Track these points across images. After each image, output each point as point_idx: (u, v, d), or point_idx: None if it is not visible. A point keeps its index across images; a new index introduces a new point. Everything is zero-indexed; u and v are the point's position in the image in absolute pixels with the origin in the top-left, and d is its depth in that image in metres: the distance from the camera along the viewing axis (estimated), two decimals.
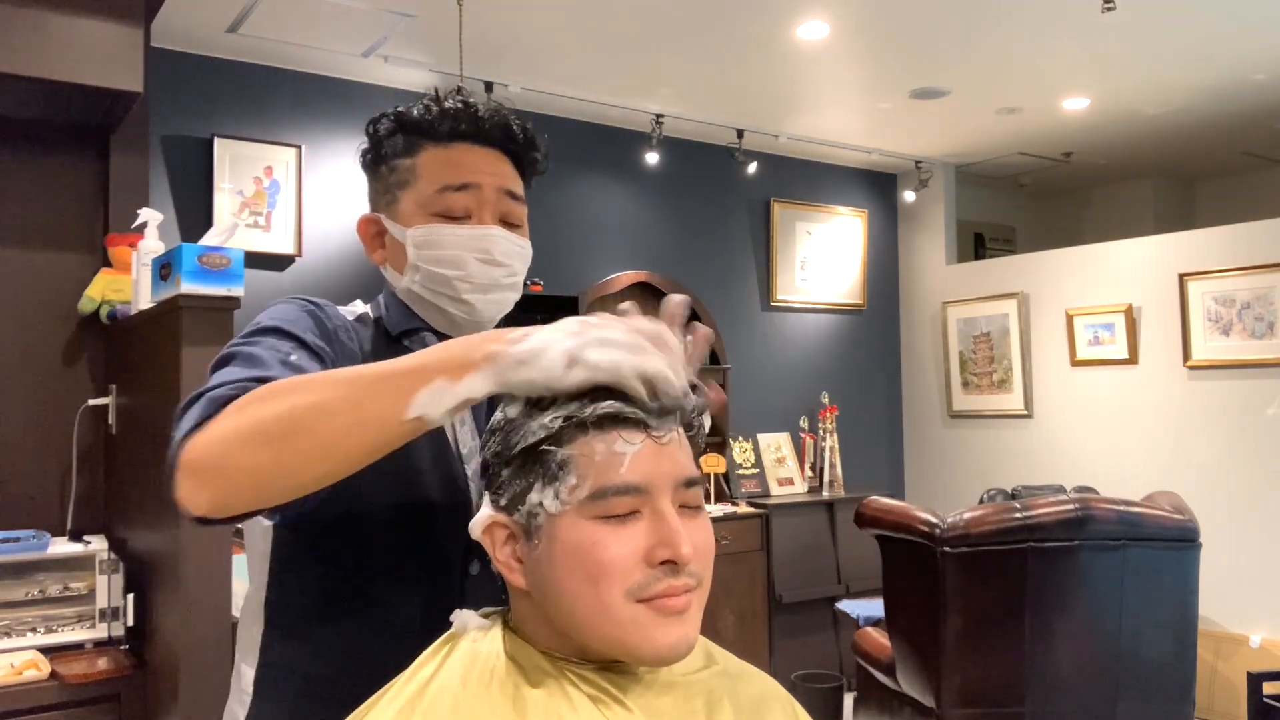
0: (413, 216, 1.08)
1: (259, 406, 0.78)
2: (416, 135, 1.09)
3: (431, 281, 1.07)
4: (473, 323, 1.09)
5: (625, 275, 4.60)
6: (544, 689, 0.80)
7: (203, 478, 0.77)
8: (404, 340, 1.09)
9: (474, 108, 1.09)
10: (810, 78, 4.10)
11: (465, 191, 1.07)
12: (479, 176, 1.07)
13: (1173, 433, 4.47)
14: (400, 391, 0.76)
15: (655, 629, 0.79)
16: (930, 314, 5.54)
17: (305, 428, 0.76)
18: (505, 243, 1.08)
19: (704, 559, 0.83)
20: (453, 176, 1.07)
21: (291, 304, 1.04)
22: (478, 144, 1.09)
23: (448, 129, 1.08)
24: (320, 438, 0.76)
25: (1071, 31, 3.61)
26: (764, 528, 4.48)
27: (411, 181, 1.08)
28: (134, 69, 2.49)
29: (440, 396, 0.76)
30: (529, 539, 0.81)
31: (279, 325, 0.97)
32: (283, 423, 0.76)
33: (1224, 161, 5.68)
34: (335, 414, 0.76)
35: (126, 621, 2.39)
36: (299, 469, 0.77)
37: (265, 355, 0.90)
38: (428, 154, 1.08)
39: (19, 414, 2.73)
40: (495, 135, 1.09)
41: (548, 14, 3.39)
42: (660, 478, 0.80)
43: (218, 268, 1.96)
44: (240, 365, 0.88)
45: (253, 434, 0.76)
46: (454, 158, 1.08)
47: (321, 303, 1.06)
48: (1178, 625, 2.98)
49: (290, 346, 0.94)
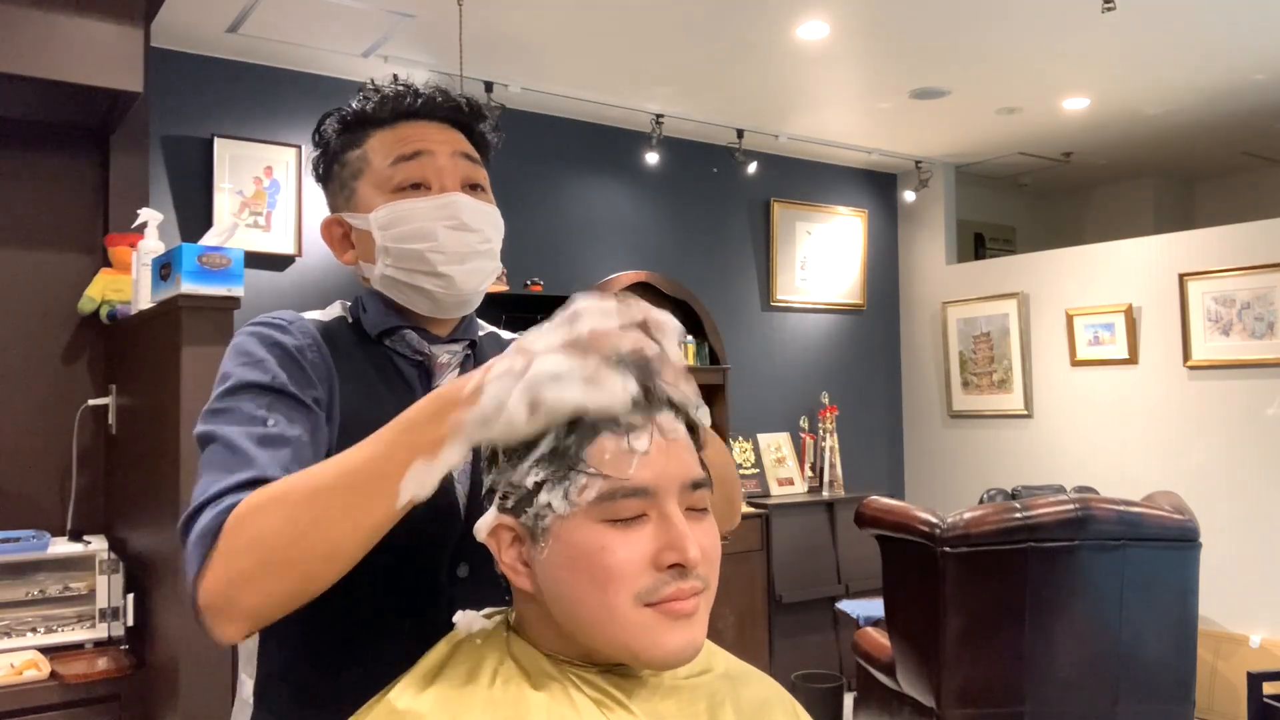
0: (372, 200, 1.05)
1: (255, 535, 0.80)
2: (361, 126, 1.07)
3: (404, 260, 1.04)
4: (455, 298, 1.06)
5: (625, 275, 4.60)
6: (547, 692, 0.79)
7: (226, 616, 0.80)
8: (384, 340, 1.07)
9: (412, 86, 1.07)
10: (810, 78, 4.10)
11: (419, 159, 1.04)
12: (429, 144, 1.05)
13: (1173, 433, 4.47)
14: (386, 486, 0.79)
15: (663, 633, 0.78)
16: (930, 314, 5.54)
17: (307, 548, 0.79)
18: (471, 206, 1.05)
19: (711, 562, 0.82)
20: (403, 147, 1.05)
21: (253, 337, 1.00)
22: (422, 119, 1.07)
23: (390, 110, 1.06)
24: (324, 550, 0.79)
25: (1071, 31, 3.61)
26: (764, 528, 4.48)
27: (364, 169, 1.06)
28: (134, 69, 2.49)
29: (424, 477, 0.78)
30: (535, 541, 0.81)
31: (248, 379, 0.95)
32: (284, 551, 0.79)
33: (1224, 161, 5.68)
34: (332, 524, 0.79)
35: (126, 621, 2.39)
36: (312, 580, 0.81)
37: (241, 439, 0.90)
38: (375, 138, 1.06)
39: (19, 414, 2.73)
40: (438, 109, 1.08)
41: (548, 14, 3.39)
42: (668, 479, 0.80)
43: (218, 268, 1.96)
44: (220, 458, 0.89)
45: (259, 569, 0.79)
46: (401, 134, 1.06)
47: (284, 322, 1.03)
48: (1178, 625, 2.98)
49: (265, 408, 0.93)
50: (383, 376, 1.05)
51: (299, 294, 3.74)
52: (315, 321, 1.07)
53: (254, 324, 1.03)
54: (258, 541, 0.79)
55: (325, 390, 1.00)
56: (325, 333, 1.05)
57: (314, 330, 1.04)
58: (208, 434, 0.93)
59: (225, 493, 0.85)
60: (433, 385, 1.06)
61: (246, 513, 0.81)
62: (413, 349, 1.07)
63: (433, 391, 0.82)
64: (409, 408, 0.81)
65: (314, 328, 1.05)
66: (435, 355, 1.07)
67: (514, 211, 4.64)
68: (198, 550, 0.82)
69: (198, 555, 0.82)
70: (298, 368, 0.98)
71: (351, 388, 1.02)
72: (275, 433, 0.91)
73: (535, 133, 4.39)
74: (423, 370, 1.07)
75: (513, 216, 3.95)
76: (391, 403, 1.02)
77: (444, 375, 1.07)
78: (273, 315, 1.05)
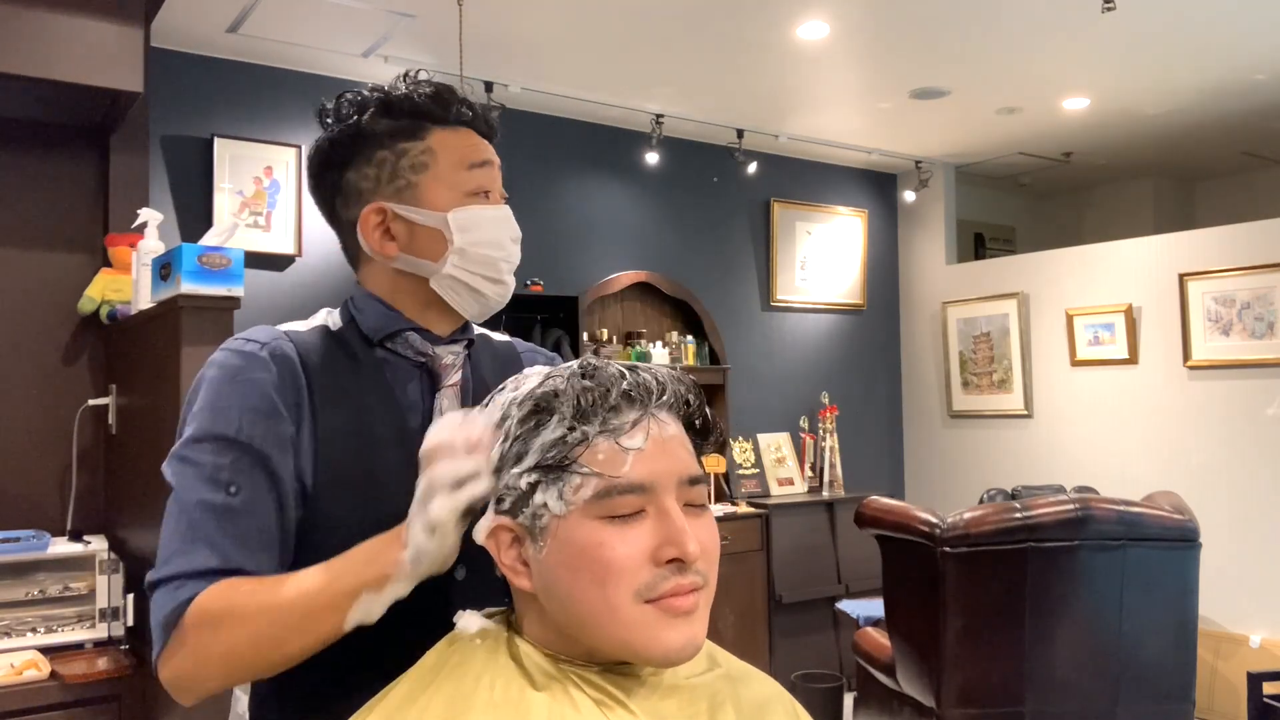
0: (443, 198, 1.05)
1: (212, 639, 0.89)
2: (416, 118, 1.06)
3: (476, 264, 1.05)
4: (500, 303, 1.10)
5: (625, 275, 4.60)
6: (548, 692, 0.79)
7: (187, 694, 0.93)
8: (386, 344, 1.05)
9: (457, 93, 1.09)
10: (810, 78, 4.10)
11: (487, 169, 1.07)
12: (491, 155, 1.09)
13: (1173, 433, 4.47)
14: (335, 614, 0.87)
15: (663, 630, 0.79)
16: (930, 314, 5.54)
17: (261, 655, 0.89)
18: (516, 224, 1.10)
19: (710, 558, 0.82)
20: (475, 154, 1.07)
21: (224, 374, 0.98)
22: (459, 125, 1.08)
23: (453, 113, 1.07)
24: (275, 659, 0.90)
25: (1071, 31, 3.61)
26: (764, 528, 4.48)
27: (431, 163, 1.05)
28: (134, 69, 2.49)
29: (370, 607, 0.87)
30: (534, 541, 0.81)
31: (215, 432, 0.96)
32: (239, 656, 0.89)
33: (1224, 161, 5.68)
34: (285, 641, 0.88)
35: (126, 621, 2.39)
36: (264, 673, 0.92)
37: (202, 516, 0.93)
38: (439, 136, 1.06)
39: (19, 414, 2.73)
40: (480, 124, 1.10)
41: (548, 14, 3.39)
42: (664, 476, 0.80)
43: (218, 268, 1.96)
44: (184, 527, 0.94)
45: (216, 665, 0.90)
46: (464, 138, 1.07)
47: (256, 348, 1.00)
48: (1178, 625, 2.98)
49: (229, 468, 0.95)
50: (371, 386, 1.04)
51: (299, 294, 3.74)
52: (293, 334, 1.04)
53: (224, 350, 1.01)
54: (216, 650, 0.89)
55: (294, 419, 0.98)
56: (303, 347, 1.03)
57: (289, 350, 1.01)
58: (171, 484, 0.97)
59: (184, 577, 0.91)
60: (439, 386, 1.06)
61: (205, 618, 0.89)
62: (416, 350, 1.06)
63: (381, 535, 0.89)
64: (360, 545, 0.89)
65: (290, 346, 1.02)
66: (439, 355, 1.07)
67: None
68: (159, 633, 0.91)
69: (159, 638, 0.92)
70: (265, 406, 0.97)
71: (331, 405, 1.01)
72: (236, 504, 0.94)
73: (535, 133, 4.39)
74: (426, 371, 1.07)
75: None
76: (378, 411, 1.02)
77: (449, 375, 1.07)
78: (246, 338, 1.02)
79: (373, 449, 1.01)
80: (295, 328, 1.06)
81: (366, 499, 0.98)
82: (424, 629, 0.95)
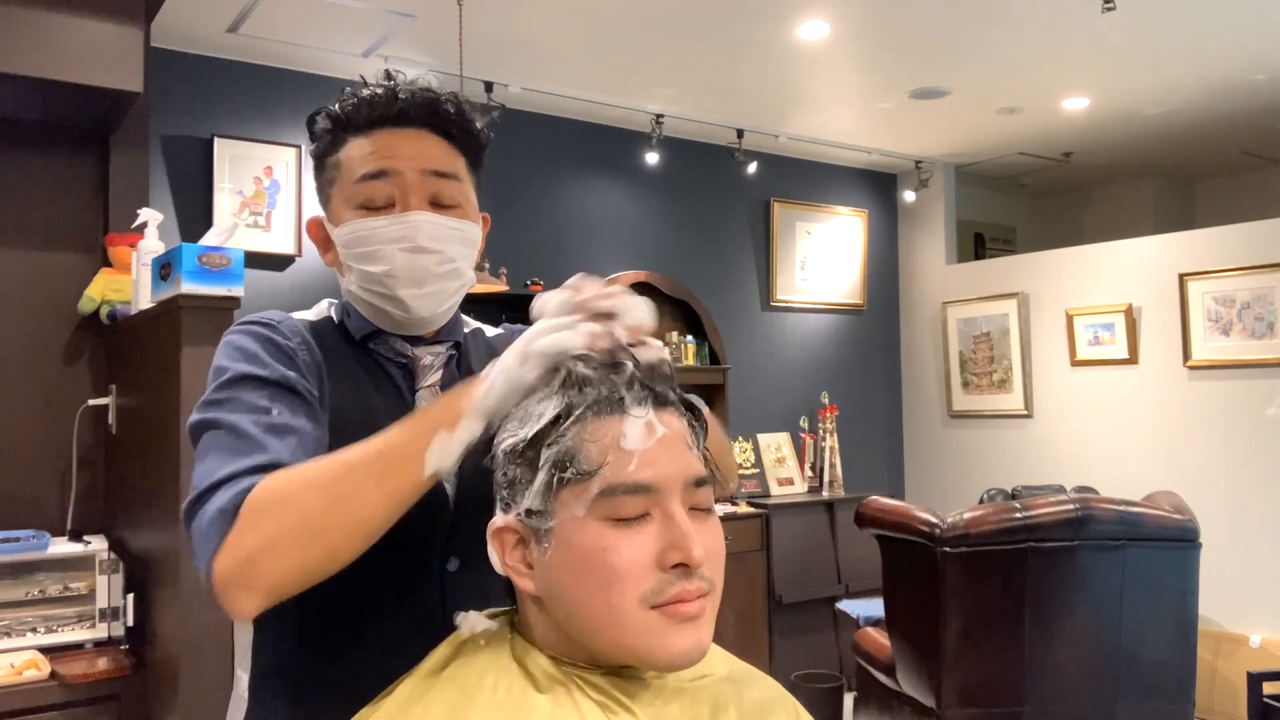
0: (340, 212, 1.03)
1: (286, 506, 0.82)
2: (341, 129, 1.03)
3: (365, 281, 1.03)
4: (415, 321, 1.05)
5: (625, 275, 4.59)
6: (551, 695, 0.79)
7: (247, 588, 0.82)
8: (368, 344, 1.07)
9: (394, 89, 1.03)
10: (810, 78, 4.10)
11: (384, 179, 1.01)
12: (396, 161, 1.01)
13: (1173, 433, 4.47)
14: (413, 458, 0.83)
15: (668, 635, 0.78)
16: (930, 314, 5.54)
17: (339, 516, 0.82)
18: (432, 226, 1.01)
19: (715, 563, 0.82)
20: (369, 164, 1.01)
21: (245, 335, 1.00)
22: (399, 127, 1.02)
23: (364, 117, 1.02)
24: (354, 518, 0.82)
25: (1071, 31, 3.61)
26: (764, 528, 4.47)
27: (337, 177, 1.04)
28: (134, 69, 2.49)
29: (447, 446, 0.83)
30: (538, 544, 0.81)
31: (247, 371, 0.95)
32: (317, 519, 0.82)
33: (1224, 161, 5.68)
34: (365, 494, 0.82)
35: (126, 621, 2.39)
36: (339, 551, 0.83)
37: (248, 425, 0.90)
38: (350, 146, 1.03)
39: (19, 414, 2.73)
40: (416, 115, 1.02)
41: (548, 14, 3.39)
42: (670, 477, 0.80)
43: (218, 268, 1.96)
44: (227, 442, 0.89)
45: (289, 538, 0.81)
46: (373, 146, 1.02)
47: (273, 321, 1.03)
48: (1178, 625, 2.98)
49: (267, 399, 0.93)
50: (371, 376, 1.06)
51: (299, 294, 3.74)
52: (304, 321, 1.07)
53: (244, 323, 1.03)
54: (289, 511, 0.82)
55: (317, 386, 1.00)
56: (314, 332, 1.05)
57: (303, 329, 1.04)
58: (207, 421, 0.92)
59: (240, 474, 0.86)
60: (416, 386, 1.07)
61: (274, 486, 0.83)
62: (395, 351, 1.07)
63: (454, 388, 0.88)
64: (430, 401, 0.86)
65: (303, 327, 1.04)
66: (418, 357, 1.07)
67: (514, 211, 4.65)
68: (216, 527, 0.83)
69: (217, 531, 0.83)
70: (292, 362, 0.99)
71: (340, 386, 1.03)
72: (281, 422, 0.91)
73: (535, 133, 4.39)
74: (406, 371, 1.07)
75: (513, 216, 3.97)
76: (379, 401, 1.04)
77: (427, 376, 1.07)
78: (261, 315, 1.04)
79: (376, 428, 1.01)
80: (302, 315, 1.09)
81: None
82: (416, 618, 0.96)
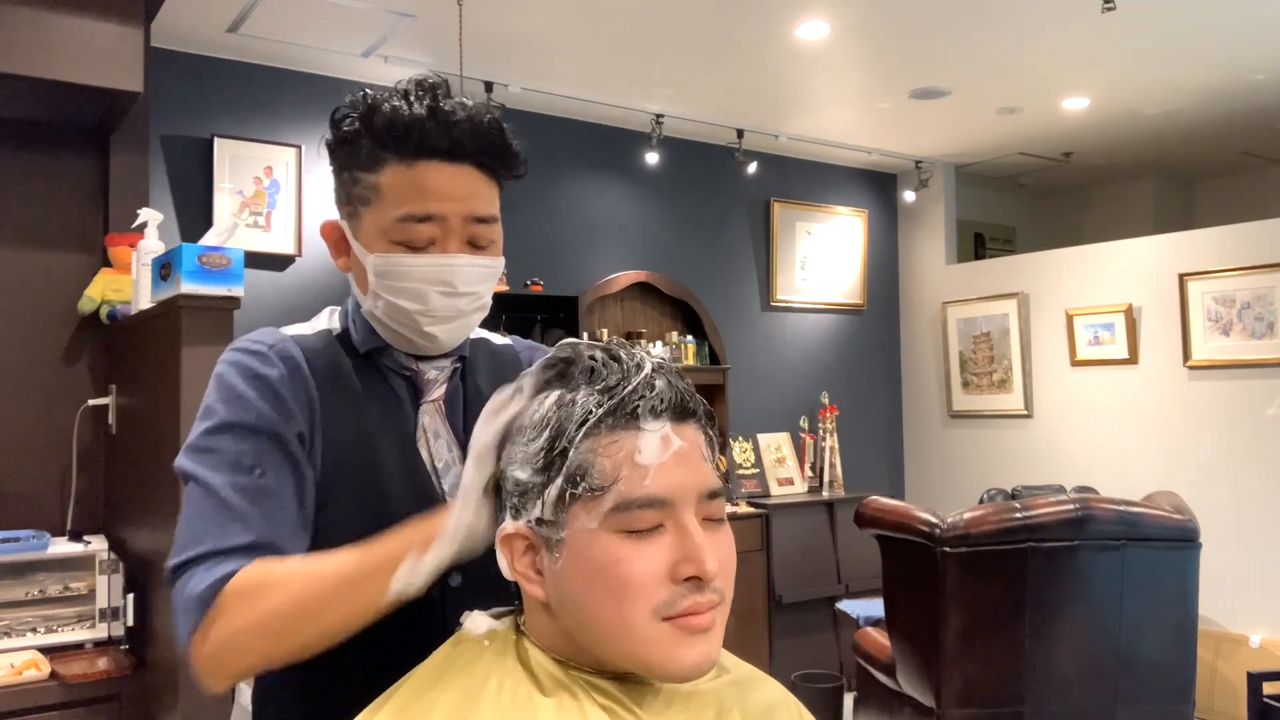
0: (374, 241, 1.00)
1: (257, 612, 0.87)
2: (380, 147, 0.98)
3: (393, 312, 1.01)
4: (436, 349, 1.06)
5: (625, 275, 4.60)
6: (556, 699, 0.79)
7: (220, 675, 0.89)
8: (374, 357, 1.06)
9: (443, 115, 0.97)
10: (810, 78, 4.10)
11: (428, 223, 0.98)
12: (444, 205, 0.98)
13: (1173, 433, 4.47)
14: (378, 582, 0.86)
15: (679, 647, 0.78)
16: (930, 314, 5.54)
17: (305, 629, 0.87)
18: (469, 270, 1.00)
19: (727, 574, 0.82)
20: (416, 205, 0.98)
21: (236, 369, 0.99)
22: (446, 161, 0.98)
23: (411, 144, 0.97)
24: (318, 632, 0.87)
25: (1071, 31, 3.61)
26: (764, 528, 4.47)
27: (374, 200, 1.00)
28: (134, 69, 2.49)
29: (412, 575, 0.85)
30: (550, 552, 0.80)
31: (233, 420, 0.96)
32: (283, 630, 0.87)
33: (1224, 161, 5.68)
34: (329, 613, 0.87)
35: (126, 621, 2.39)
36: (303, 653, 0.89)
37: (229, 493, 0.92)
38: (391, 172, 0.98)
39: (19, 414, 2.73)
40: (466, 148, 0.99)
41: (548, 14, 3.39)
42: (684, 490, 0.79)
43: (218, 268, 1.96)
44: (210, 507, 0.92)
45: (258, 641, 0.87)
46: (418, 180, 0.98)
47: (264, 348, 1.01)
48: (1178, 625, 2.98)
49: (252, 454, 0.94)
50: (372, 392, 1.05)
51: (299, 294, 3.74)
52: (299, 338, 1.05)
53: (234, 350, 1.02)
54: (258, 617, 0.87)
55: (306, 420, 1.00)
56: (309, 351, 1.04)
57: (295, 353, 1.02)
58: (192, 473, 0.94)
59: (220, 554, 0.90)
60: (420, 400, 1.06)
61: (248, 589, 0.87)
62: (401, 364, 1.07)
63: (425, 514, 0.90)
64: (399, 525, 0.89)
65: (296, 349, 1.03)
66: (423, 371, 1.07)
67: (514, 211, 4.63)
68: (193, 613, 0.88)
69: (192, 617, 0.88)
70: (280, 402, 0.98)
71: (337, 408, 1.02)
72: (263, 484, 0.94)
73: (535, 133, 4.38)
74: (411, 384, 1.07)
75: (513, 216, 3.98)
76: (380, 416, 1.03)
77: (432, 391, 1.07)
78: (253, 340, 1.03)
79: (375, 456, 1.01)
80: (300, 330, 1.07)
81: (370, 503, 0.98)
82: (418, 632, 0.95)
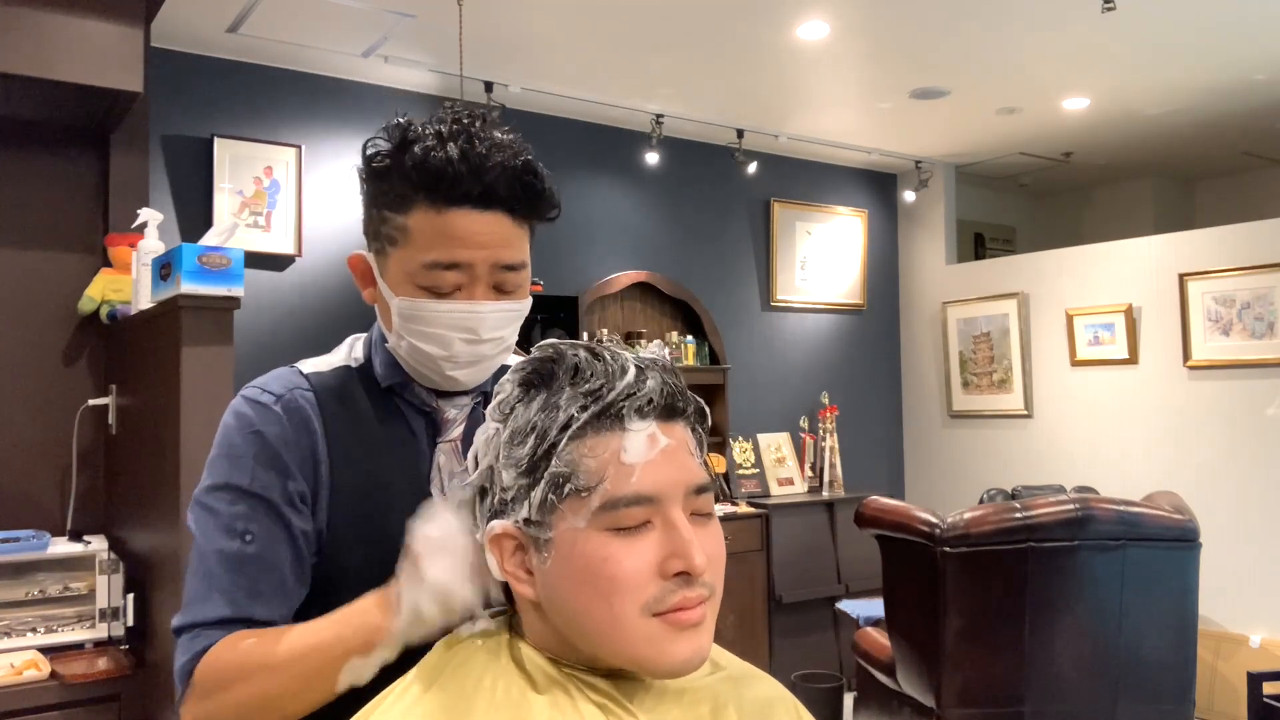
0: (400, 284, 1.00)
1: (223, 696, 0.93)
2: (410, 189, 0.96)
3: (417, 354, 1.02)
4: (458, 389, 1.06)
5: (625, 275, 4.60)
6: (550, 696, 0.79)
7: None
8: (395, 392, 1.06)
9: (476, 159, 0.95)
10: (810, 78, 4.10)
11: (455, 270, 0.97)
12: (472, 253, 0.97)
13: (1173, 433, 4.47)
14: (327, 677, 0.90)
15: (670, 643, 0.78)
16: (930, 314, 5.54)
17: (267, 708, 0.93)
18: (495, 316, 1.00)
19: (716, 569, 0.82)
20: (443, 252, 0.96)
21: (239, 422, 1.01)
22: (476, 208, 0.96)
23: (443, 190, 0.95)
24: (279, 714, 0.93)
25: (1071, 31, 3.61)
26: (764, 528, 4.47)
27: (401, 241, 0.98)
28: (134, 69, 2.49)
29: (360, 671, 0.89)
30: (538, 551, 0.81)
31: (230, 482, 0.99)
32: (248, 713, 0.93)
33: (1224, 161, 5.68)
34: (285, 700, 0.92)
35: (126, 621, 2.39)
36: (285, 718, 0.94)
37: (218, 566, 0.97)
38: (420, 216, 0.96)
39: (19, 414, 2.73)
40: (498, 195, 0.97)
41: (548, 14, 3.39)
42: (671, 486, 0.79)
43: (218, 268, 1.96)
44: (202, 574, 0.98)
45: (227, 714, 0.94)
46: (447, 227, 0.96)
47: (271, 400, 1.01)
48: (1178, 625, 2.98)
49: (244, 517, 0.98)
50: (389, 431, 1.05)
51: (299, 294, 3.74)
52: (315, 376, 1.05)
53: (243, 398, 1.03)
54: (225, 702, 0.93)
55: (308, 476, 1.00)
56: (323, 393, 1.03)
57: (304, 404, 1.02)
58: (192, 532, 1.01)
59: (200, 626, 0.96)
60: (438, 440, 1.06)
61: (215, 674, 0.94)
62: (422, 401, 1.07)
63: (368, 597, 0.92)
64: (351, 605, 0.92)
65: (307, 399, 1.02)
66: (443, 409, 1.07)
67: None
68: (180, 683, 0.97)
69: (180, 687, 0.97)
70: (276, 462, 0.99)
71: (349, 455, 1.02)
72: (251, 552, 0.97)
73: (535, 133, 4.36)
74: (430, 421, 1.07)
75: None
76: (395, 459, 1.04)
77: (450, 430, 1.06)
78: (263, 388, 1.03)
79: (387, 500, 1.01)
80: (317, 367, 1.07)
81: (379, 549, 0.97)
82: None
